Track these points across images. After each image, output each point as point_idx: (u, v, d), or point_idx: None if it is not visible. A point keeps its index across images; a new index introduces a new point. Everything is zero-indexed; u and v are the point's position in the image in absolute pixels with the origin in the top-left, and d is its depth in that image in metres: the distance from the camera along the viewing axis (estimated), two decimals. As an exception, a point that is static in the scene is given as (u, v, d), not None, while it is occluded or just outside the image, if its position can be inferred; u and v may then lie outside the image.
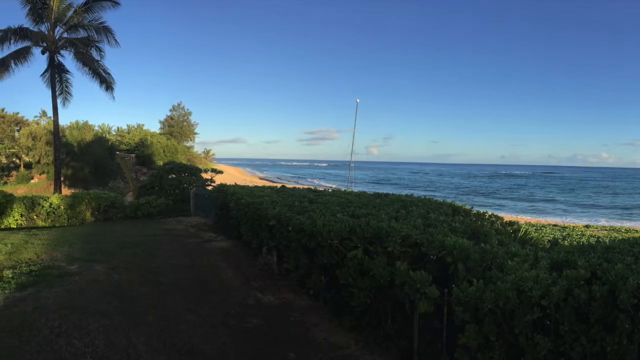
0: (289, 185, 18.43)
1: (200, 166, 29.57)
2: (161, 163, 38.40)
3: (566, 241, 14.77)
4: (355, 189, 21.69)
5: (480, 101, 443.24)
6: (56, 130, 28.12)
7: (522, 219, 31.46)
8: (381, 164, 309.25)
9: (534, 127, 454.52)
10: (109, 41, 27.64)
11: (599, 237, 14.58)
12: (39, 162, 50.15)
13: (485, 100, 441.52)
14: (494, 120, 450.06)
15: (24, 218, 15.55)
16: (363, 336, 5.67)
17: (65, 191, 31.82)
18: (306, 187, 19.03)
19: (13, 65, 25.73)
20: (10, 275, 7.62)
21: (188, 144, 74.46)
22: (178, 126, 73.46)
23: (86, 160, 47.86)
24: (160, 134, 68.67)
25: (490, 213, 8.59)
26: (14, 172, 54.41)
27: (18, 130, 58.45)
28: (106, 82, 28.33)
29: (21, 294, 6.72)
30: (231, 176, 51.63)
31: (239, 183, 19.00)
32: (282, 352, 5.38)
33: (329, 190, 13.85)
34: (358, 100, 41.77)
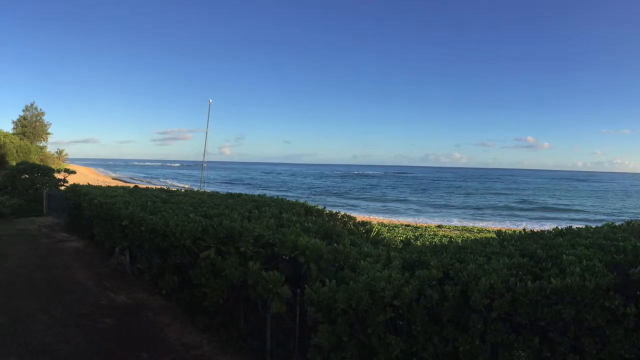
0: (142, 186, 18.09)
1: (54, 166, 28.07)
2: (14, 163, 33.76)
3: (419, 241, 15.02)
4: (208, 189, 21.59)
5: (331, 101, 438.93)
6: None
7: (375, 219, 31.05)
8: (234, 164, 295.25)
9: (386, 126, 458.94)
10: None
11: (451, 237, 15.18)
12: None
13: (335, 100, 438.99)
14: (345, 120, 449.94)
15: None
16: (216, 336, 5.64)
17: None
18: (159, 187, 18.70)
19: None
20: None
21: (41, 144, 66.13)
22: (31, 126, 65.19)
23: None
24: (13, 134, 59.90)
25: (343, 213, 8.62)
26: None
27: None
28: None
29: None
30: (84, 176, 46.94)
31: (91, 183, 18.68)
32: (134, 352, 5.32)
33: (182, 191, 13.77)
34: (211, 101, 39.74)
